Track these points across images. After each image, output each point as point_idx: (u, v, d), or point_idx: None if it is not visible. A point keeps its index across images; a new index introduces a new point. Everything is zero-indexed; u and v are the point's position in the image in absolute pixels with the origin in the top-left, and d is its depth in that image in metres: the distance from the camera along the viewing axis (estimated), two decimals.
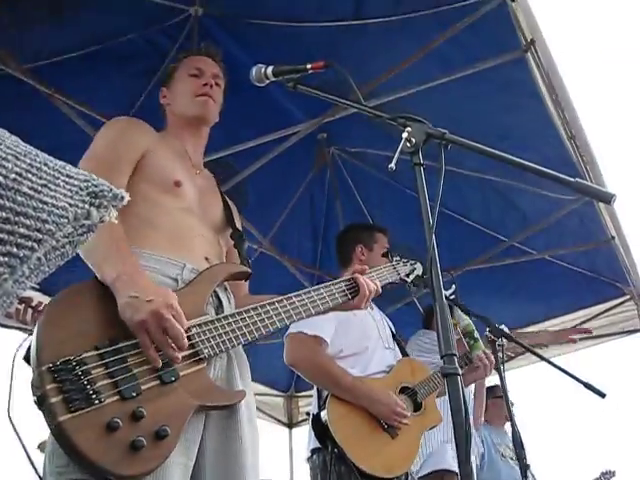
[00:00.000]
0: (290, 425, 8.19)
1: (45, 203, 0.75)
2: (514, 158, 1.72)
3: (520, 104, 4.32)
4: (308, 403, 7.79)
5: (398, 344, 3.30)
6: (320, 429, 2.81)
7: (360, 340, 3.05)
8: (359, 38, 4.08)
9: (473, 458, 3.21)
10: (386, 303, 4.23)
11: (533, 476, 4.95)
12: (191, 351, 1.73)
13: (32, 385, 1.51)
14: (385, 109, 1.97)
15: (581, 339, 6.71)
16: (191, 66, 2.38)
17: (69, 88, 3.95)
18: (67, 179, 0.75)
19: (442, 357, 1.45)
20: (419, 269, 2.70)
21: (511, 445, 4.99)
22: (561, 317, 6.63)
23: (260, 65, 2.12)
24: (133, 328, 1.61)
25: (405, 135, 1.75)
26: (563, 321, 6.65)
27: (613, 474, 5.73)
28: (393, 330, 3.36)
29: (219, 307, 1.96)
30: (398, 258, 2.69)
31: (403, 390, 3.05)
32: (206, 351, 1.76)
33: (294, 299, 2.02)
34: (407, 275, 2.59)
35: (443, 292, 1.55)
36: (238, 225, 2.34)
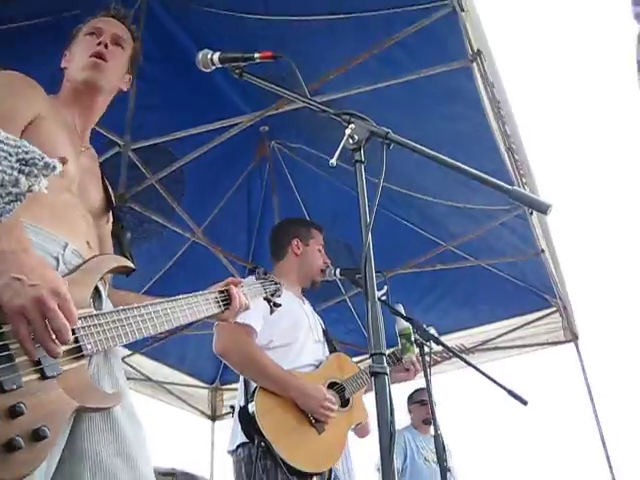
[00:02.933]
0: (213, 418, 8.14)
1: None
2: (454, 162, 1.73)
3: (462, 113, 4.38)
4: (233, 396, 7.74)
5: (328, 340, 3.29)
6: (247, 422, 2.78)
7: (291, 331, 3.03)
8: (307, 34, 4.08)
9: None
10: (317, 301, 4.23)
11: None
12: (73, 346, 1.55)
13: None
14: (330, 106, 1.96)
15: (506, 348, 6.87)
16: (91, 26, 2.16)
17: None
18: None
19: (371, 355, 1.45)
20: (282, 290, 2.68)
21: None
22: (488, 325, 6.77)
23: (207, 50, 2.08)
24: (10, 314, 1.39)
25: (348, 132, 1.75)
26: (490, 329, 6.80)
27: None
28: (324, 326, 3.36)
29: (97, 299, 1.80)
30: (264, 277, 2.66)
31: (331, 385, 3.04)
32: (89, 347, 1.59)
33: (175, 303, 1.92)
34: (272, 294, 2.57)
35: (376, 292, 1.55)
36: (116, 213, 2.16)
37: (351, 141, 1.74)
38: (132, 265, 1.94)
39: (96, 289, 1.79)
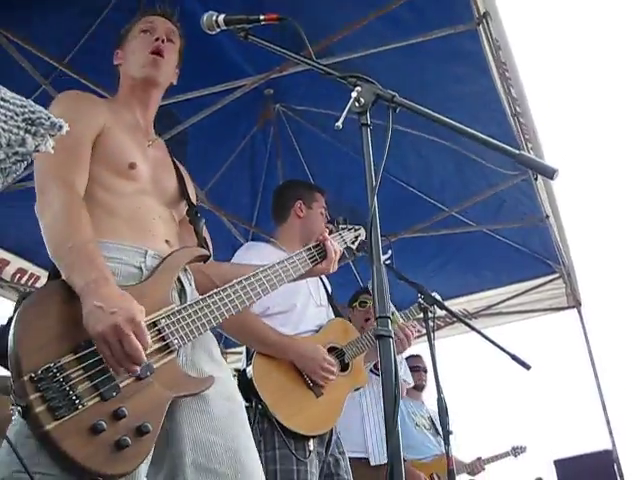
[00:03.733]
0: None
1: None
2: (460, 126, 1.71)
3: (468, 76, 4.34)
4: (237, 360, 7.80)
5: (332, 305, 3.29)
6: (245, 385, 2.80)
7: (287, 298, 3.01)
8: None
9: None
10: None
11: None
12: (162, 344, 1.75)
13: (14, 393, 1.52)
14: (336, 69, 1.94)
15: (510, 313, 6.90)
16: (144, 21, 2.28)
17: (8, 21, 3.80)
18: (2, 102, 0.71)
19: (376, 319, 1.45)
20: (363, 234, 2.70)
21: (427, 415, 5.12)
22: (491, 290, 6.79)
23: (212, 12, 2.06)
24: (94, 338, 1.60)
25: (354, 94, 1.73)
26: (494, 294, 6.81)
27: (523, 450, 5.92)
28: (329, 290, 3.35)
29: (182, 291, 1.96)
30: (343, 225, 2.68)
31: (331, 350, 3.05)
32: (176, 342, 1.78)
33: (260, 275, 2.06)
34: (352, 242, 2.58)
35: (381, 255, 1.55)
36: (192, 197, 2.28)
37: (357, 104, 1.73)
38: (207, 253, 2.10)
39: (180, 284, 1.97)
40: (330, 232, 2.45)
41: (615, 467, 5.97)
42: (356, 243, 2.65)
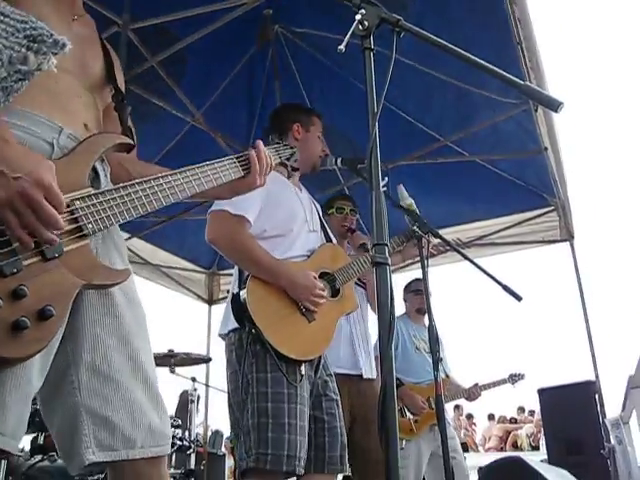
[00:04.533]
0: (210, 302, 8.29)
1: None
2: (466, 53, 1.68)
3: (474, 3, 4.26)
4: (229, 281, 7.86)
5: (324, 230, 3.30)
6: (238, 309, 2.81)
7: (286, 222, 3.01)
8: None
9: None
10: (315, 190, 4.22)
11: (445, 369, 5.18)
12: (74, 226, 1.57)
13: None
14: None
15: (503, 244, 6.94)
16: None
17: None
18: (2, 17, 0.68)
19: (374, 246, 1.45)
20: (297, 154, 2.64)
21: (427, 339, 5.19)
22: (485, 221, 6.81)
23: None
24: None
25: (358, 17, 1.69)
26: (487, 224, 6.83)
27: (522, 377, 6.01)
28: (321, 215, 3.35)
29: (95, 179, 1.78)
30: (278, 141, 2.62)
31: (322, 275, 3.06)
32: (90, 226, 1.59)
33: (187, 172, 1.87)
34: (287, 159, 2.53)
35: (380, 182, 1.54)
36: (120, 83, 2.05)
37: (360, 27, 1.69)
38: (131, 141, 1.89)
39: (94, 171, 1.77)
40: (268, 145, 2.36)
41: (597, 398, 6.10)
42: (292, 160, 2.59)
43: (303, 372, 2.82)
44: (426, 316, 5.32)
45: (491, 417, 15.03)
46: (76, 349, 1.66)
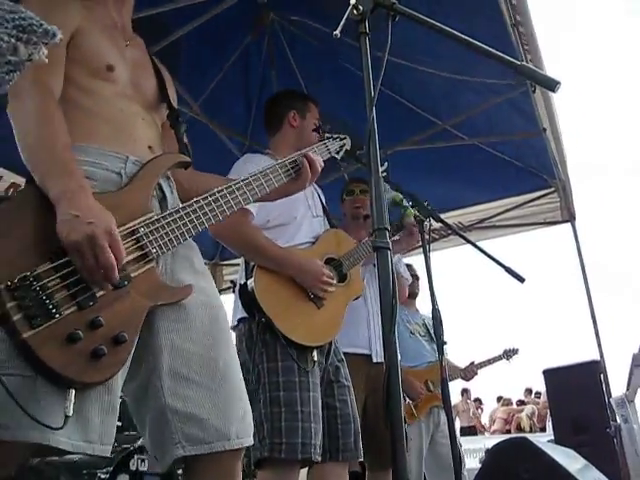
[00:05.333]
0: None
1: None
2: (463, 36, 1.68)
3: None
4: (232, 271, 7.86)
5: (327, 215, 3.30)
6: (247, 298, 2.82)
7: (289, 210, 3.01)
8: None
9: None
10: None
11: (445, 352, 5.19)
12: (140, 253, 1.72)
13: None
14: None
15: (504, 226, 6.94)
16: None
17: None
18: None
19: (374, 231, 1.45)
20: (348, 144, 2.67)
21: (421, 322, 5.20)
22: (486, 204, 6.80)
23: None
24: (67, 247, 1.57)
25: (353, 1, 1.69)
26: (488, 207, 6.83)
27: (516, 352, 6.02)
28: (323, 200, 3.35)
29: (163, 199, 1.92)
30: (329, 134, 2.64)
31: (329, 261, 3.07)
32: (154, 251, 1.74)
33: (241, 183, 2.00)
34: (337, 152, 2.55)
35: (379, 167, 1.54)
36: (173, 100, 2.18)
37: (355, 12, 1.69)
38: (188, 159, 2.03)
39: (161, 192, 1.92)
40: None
41: (601, 377, 6.12)
42: (341, 153, 2.62)
43: (315, 358, 2.82)
44: (417, 300, 5.39)
45: (499, 400, 15.08)
46: (155, 359, 1.79)
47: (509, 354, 5.99)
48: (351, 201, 4.13)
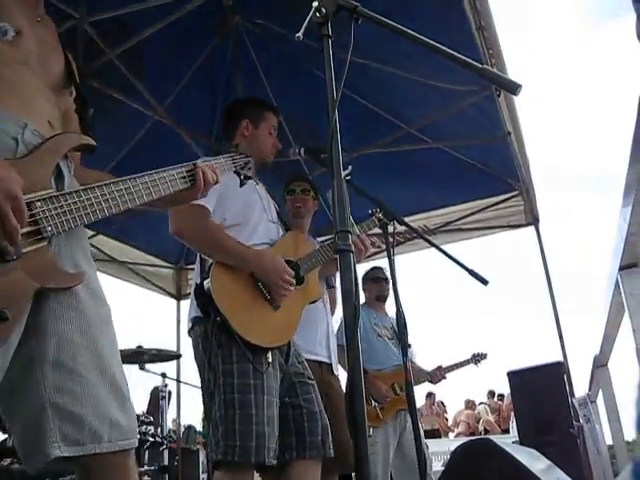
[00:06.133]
0: (178, 297, 8.24)
1: None
2: (426, 39, 1.69)
3: None
4: None
5: (282, 222, 3.28)
6: (203, 298, 2.79)
7: (243, 211, 3.00)
8: None
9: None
10: (279, 180, 4.20)
11: (411, 355, 5.20)
12: (33, 228, 1.57)
13: None
14: None
15: (468, 230, 6.99)
16: None
17: None
18: None
19: (336, 233, 1.45)
20: (251, 163, 2.66)
21: (389, 325, 5.22)
22: (451, 207, 6.85)
23: None
24: None
25: (315, 4, 1.69)
26: (453, 210, 6.88)
27: (484, 356, 6.06)
28: (277, 208, 3.33)
29: (59, 178, 1.78)
30: (235, 150, 2.63)
31: (286, 264, 3.06)
32: (49, 229, 1.60)
33: (138, 180, 1.87)
34: (241, 167, 2.53)
35: (342, 169, 1.54)
36: (78, 88, 2.06)
37: (318, 14, 1.69)
38: (93, 142, 1.89)
39: (58, 169, 1.77)
40: (218, 153, 2.36)
41: (565, 378, 6.19)
42: (245, 168, 2.61)
43: (270, 360, 2.81)
44: (386, 304, 5.41)
45: (468, 403, 15.17)
46: (40, 345, 1.64)
47: (477, 359, 6.03)
48: (292, 200, 4.06)
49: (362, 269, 5.53)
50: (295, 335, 3.04)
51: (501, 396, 14.60)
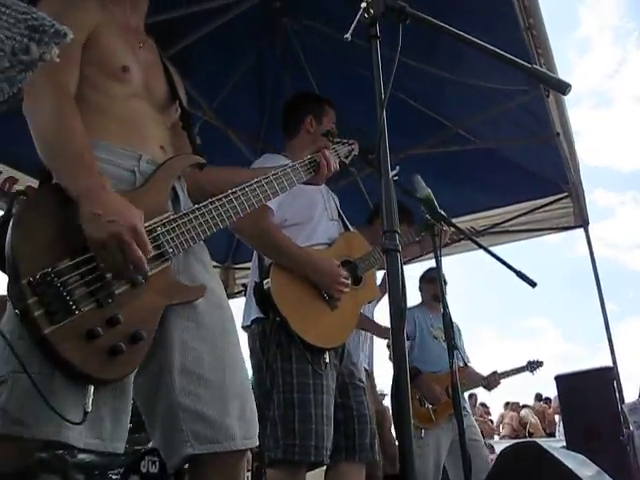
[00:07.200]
0: (227, 296, 8.26)
1: None
2: (474, 39, 1.69)
3: None
4: (245, 275, 7.86)
5: (342, 220, 3.30)
6: (262, 297, 2.82)
7: (306, 210, 3.03)
8: None
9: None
10: (328, 181, 4.21)
11: (463, 358, 5.17)
12: (157, 252, 1.74)
13: (11, 297, 1.53)
14: None
15: (516, 231, 6.91)
16: None
17: None
18: (3, 9, 0.69)
19: (384, 233, 1.45)
20: (356, 149, 2.68)
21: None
22: (500, 209, 6.77)
23: None
24: (91, 246, 1.60)
25: (363, 5, 1.70)
26: (500, 213, 6.80)
27: (540, 364, 5.99)
28: (338, 205, 3.35)
29: (175, 199, 1.95)
30: (338, 139, 2.66)
31: (344, 263, 3.06)
32: (170, 250, 1.77)
33: (254, 185, 2.03)
34: (346, 157, 2.55)
35: (389, 169, 1.54)
36: (184, 101, 2.21)
37: (366, 15, 1.70)
38: (203, 160, 2.07)
39: (174, 192, 1.94)
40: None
41: (614, 384, 6.08)
42: (349, 157, 2.64)
43: (327, 360, 2.83)
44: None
45: (507, 405, 15.03)
46: (167, 355, 1.82)
47: (533, 366, 5.98)
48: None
49: (420, 271, 5.51)
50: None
51: (547, 400, 14.41)
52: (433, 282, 5.28)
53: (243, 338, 3.02)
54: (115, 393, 1.67)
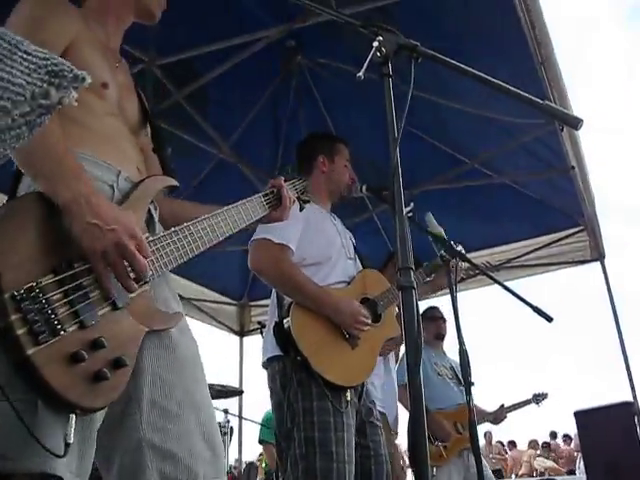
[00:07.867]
0: (242, 333, 8.29)
1: (0, 79, 0.70)
2: (487, 77, 1.70)
3: (492, 16, 4.27)
4: (260, 312, 7.87)
5: (359, 257, 3.30)
6: (282, 336, 2.82)
7: (324, 249, 3.04)
8: None
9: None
10: (344, 217, 4.23)
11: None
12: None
13: None
14: (357, 19, 1.91)
15: (532, 266, 6.88)
16: None
17: None
18: (25, 55, 0.70)
19: (398, 270, 1.45)
20: (309, 187, 2.65)
21: (448, 365, 5.16)
22: (514, 243, 6.76)
23: None
24: (91, 257, 1.50)
25: (376, 44, 1.72)
26: (516, 247, 6.79)
27: (545, 396, 5.94)
28: (354, 242, 3.36)
29: (150, 220, 1.86)
30: (293, 175, 2.64)
31: (364, 301, 3.06)
32: (150, 274, 1.64)
33: (226, 214, 1.97)
34: (302, 193, 2.54)
35: (403, 206, 1.54)
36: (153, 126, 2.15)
37: (379, 54, 1.71)
38: (176, 183, 1.97)
39: (149, 214, 1.85)
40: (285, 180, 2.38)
41: (635, 419, 5.99)
42: (305, 194, 2.62)
43: (349, 398, 2.81)
44: (444, 342, 5.35)
45: (530, 444, 14.78)
46: (137, 384, 1.67)
47: (538, 398, 5.92)
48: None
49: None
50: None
51: (567, 436, 14.19)
52: (434, 320, 5.28)
53: (253, 377, 3.01)
54: (83, 424, 1.53)
